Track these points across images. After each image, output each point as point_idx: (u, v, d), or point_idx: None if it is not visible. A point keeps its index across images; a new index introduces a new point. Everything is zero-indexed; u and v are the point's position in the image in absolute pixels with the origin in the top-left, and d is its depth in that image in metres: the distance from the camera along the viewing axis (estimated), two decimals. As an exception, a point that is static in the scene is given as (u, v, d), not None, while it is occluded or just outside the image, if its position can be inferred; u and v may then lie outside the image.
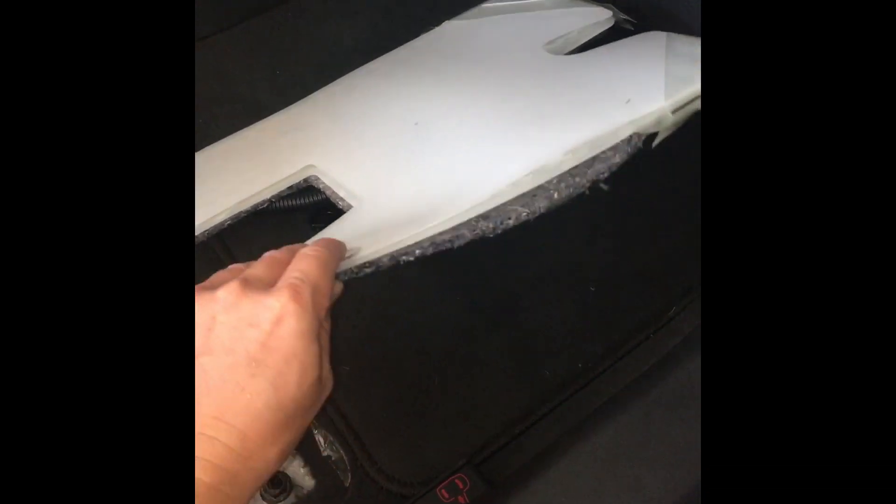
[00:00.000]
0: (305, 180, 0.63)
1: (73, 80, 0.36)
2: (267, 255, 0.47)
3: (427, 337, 0.62)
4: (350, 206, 0.59)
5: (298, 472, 0.59)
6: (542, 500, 0.48)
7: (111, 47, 0.37)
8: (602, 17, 0.72)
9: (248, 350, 0.40)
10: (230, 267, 0.47)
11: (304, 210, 0.64)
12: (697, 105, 0.56)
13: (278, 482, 0.57)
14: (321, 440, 0.58)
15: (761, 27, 0.38)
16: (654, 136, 0.56)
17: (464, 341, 0.62)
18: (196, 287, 0.44)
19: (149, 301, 0.35)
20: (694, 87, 0.56)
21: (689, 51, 0.60)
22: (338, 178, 0.61)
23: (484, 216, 0.53)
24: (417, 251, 0.52)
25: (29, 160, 0.34)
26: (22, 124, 0.34)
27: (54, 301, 0.34)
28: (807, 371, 0.34)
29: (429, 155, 0.59)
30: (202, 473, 0.38)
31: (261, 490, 0.58)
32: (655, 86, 0.57)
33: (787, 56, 0.37)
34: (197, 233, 0.61)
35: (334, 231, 0.56)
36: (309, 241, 0.52)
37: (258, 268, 0.46)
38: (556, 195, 0.53)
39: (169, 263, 0.36)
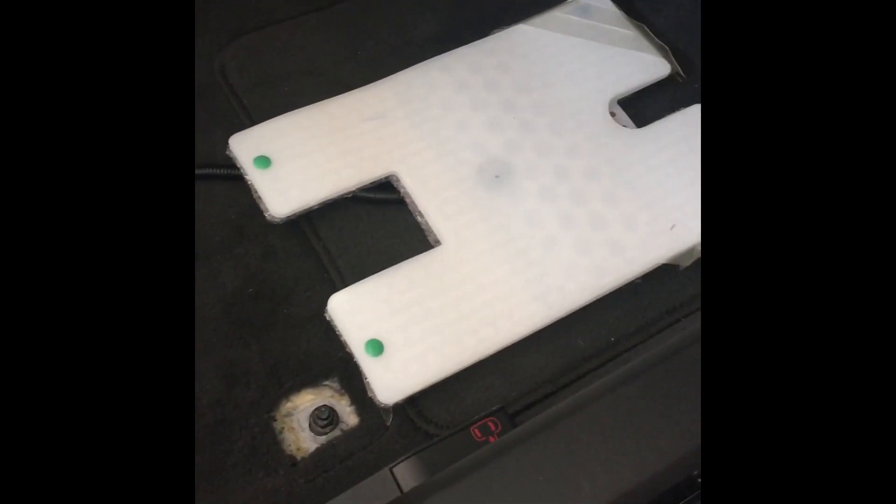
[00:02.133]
0: (386, 178, 0.72)
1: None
2: None
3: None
4: (426, 222, 0.70)
5: (345, 409, 0.65)
6: (562, 444, 0.53)
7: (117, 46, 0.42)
8: (662, 71, 0.80)
9: None
10: None
11: (382, 203, 0.73)
12: None
13: (327, 415, 0.63)
14: (366, 383, 0.64)
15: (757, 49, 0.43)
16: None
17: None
18: None
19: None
20: None
21: None
22: (418, 197, 0.71)
23: None
24: None
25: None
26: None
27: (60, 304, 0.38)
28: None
29: (506, 221, 0.70)
30: None
31: (310, 420, 0.64)
32: (694, 216, 0.70)
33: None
34: (289, 212, 0.69)
35: (422, 262, 0.67)
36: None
37: None
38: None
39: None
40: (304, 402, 0.65)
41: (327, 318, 0.65)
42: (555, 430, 0.52)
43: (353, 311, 0.64)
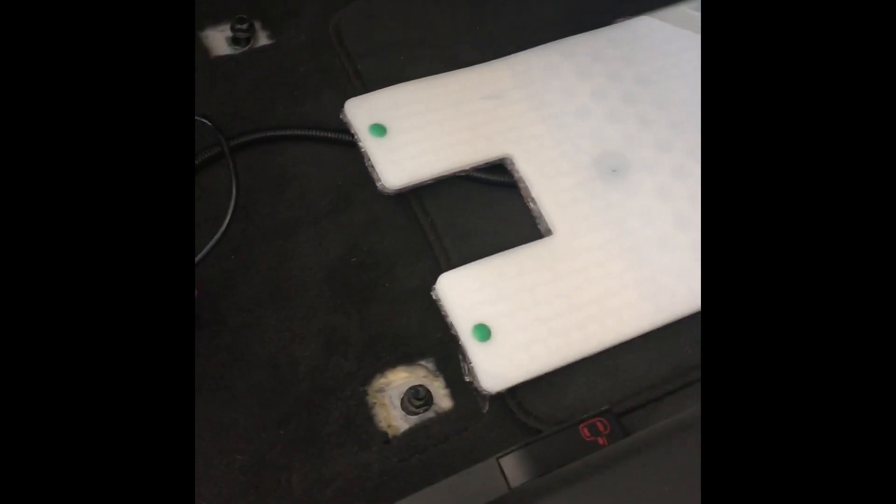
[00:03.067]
0: (500, 159, 0.70)
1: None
2: None
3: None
4: (538, 210, 0.68)
5: (439, 392, 0.63)
6: (674, 458, 0.51)
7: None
8: None
9: None
10: None
11: (493, 185, 0.71)
12: None
13: (422, 395, 0.62)
14: (465, 367, 0.62)
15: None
16: None
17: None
18: None
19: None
20: None
21: None
22: (532, 182, 0.69)
23: None
24: None
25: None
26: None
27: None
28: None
29: (620, 217, 0.68)
30: None
31: (403, 399, 0.62)
32: None
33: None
34: (403, 184, 0.67)
35: (533, 250, 0.65)
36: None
37: None
38: None
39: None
40: (398, 380, 0.64)
41: (433, 297, 0.63)
42: (675, 442, 0.50)
43: (463, 292, 0.63)
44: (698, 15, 0.80)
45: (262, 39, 0.78)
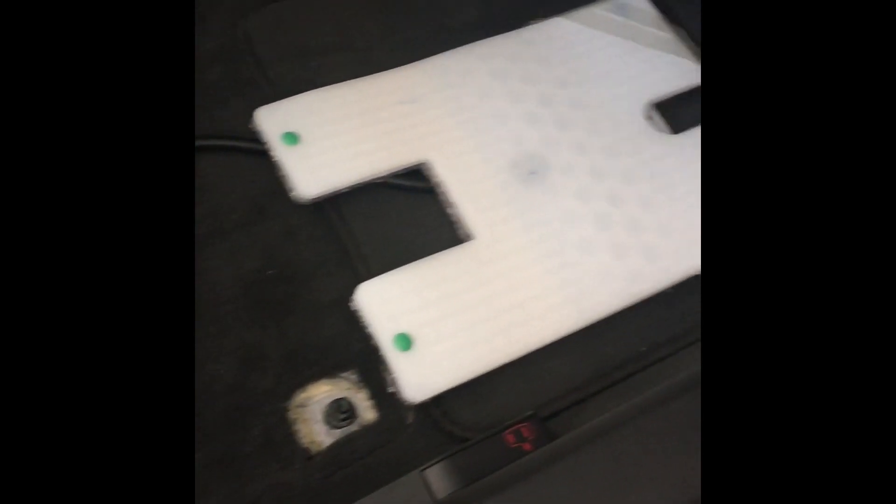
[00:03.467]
0: (418, 165, 0.69)
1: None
2: None
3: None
4: (458, 214, 0.67)
5: (363, 404, 0.62)
6: (608, 459, 0.50)
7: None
8: (698, 78, 0.78)
9: None
10: None
11: (411, 191, 0.69)
12: None
13: (345, 408, 0.60)
14: (388, 378, 0.61)
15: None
16: None
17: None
18: None
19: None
20: None
21: None
22: (451, 187, 0.68)
23: None
24: None
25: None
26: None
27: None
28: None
29: (541, 219, 0.68)
30: None
31: (326, 413, 0.61)
32: None
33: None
34: (318, 194, 0.66)
35: (454, 255, 0.65)
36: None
37: None
38: None
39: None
40: (320, 393, 0.62)
41: (353, 308, 0.62)
42: (599, 443, 0.50)
43: (383, 302, 0.61)
44: (609, 15, 0.80)
45: (169, 47, 0.75)
